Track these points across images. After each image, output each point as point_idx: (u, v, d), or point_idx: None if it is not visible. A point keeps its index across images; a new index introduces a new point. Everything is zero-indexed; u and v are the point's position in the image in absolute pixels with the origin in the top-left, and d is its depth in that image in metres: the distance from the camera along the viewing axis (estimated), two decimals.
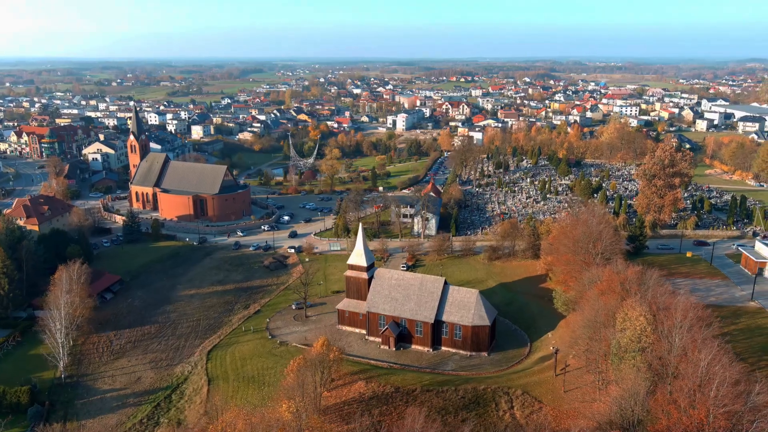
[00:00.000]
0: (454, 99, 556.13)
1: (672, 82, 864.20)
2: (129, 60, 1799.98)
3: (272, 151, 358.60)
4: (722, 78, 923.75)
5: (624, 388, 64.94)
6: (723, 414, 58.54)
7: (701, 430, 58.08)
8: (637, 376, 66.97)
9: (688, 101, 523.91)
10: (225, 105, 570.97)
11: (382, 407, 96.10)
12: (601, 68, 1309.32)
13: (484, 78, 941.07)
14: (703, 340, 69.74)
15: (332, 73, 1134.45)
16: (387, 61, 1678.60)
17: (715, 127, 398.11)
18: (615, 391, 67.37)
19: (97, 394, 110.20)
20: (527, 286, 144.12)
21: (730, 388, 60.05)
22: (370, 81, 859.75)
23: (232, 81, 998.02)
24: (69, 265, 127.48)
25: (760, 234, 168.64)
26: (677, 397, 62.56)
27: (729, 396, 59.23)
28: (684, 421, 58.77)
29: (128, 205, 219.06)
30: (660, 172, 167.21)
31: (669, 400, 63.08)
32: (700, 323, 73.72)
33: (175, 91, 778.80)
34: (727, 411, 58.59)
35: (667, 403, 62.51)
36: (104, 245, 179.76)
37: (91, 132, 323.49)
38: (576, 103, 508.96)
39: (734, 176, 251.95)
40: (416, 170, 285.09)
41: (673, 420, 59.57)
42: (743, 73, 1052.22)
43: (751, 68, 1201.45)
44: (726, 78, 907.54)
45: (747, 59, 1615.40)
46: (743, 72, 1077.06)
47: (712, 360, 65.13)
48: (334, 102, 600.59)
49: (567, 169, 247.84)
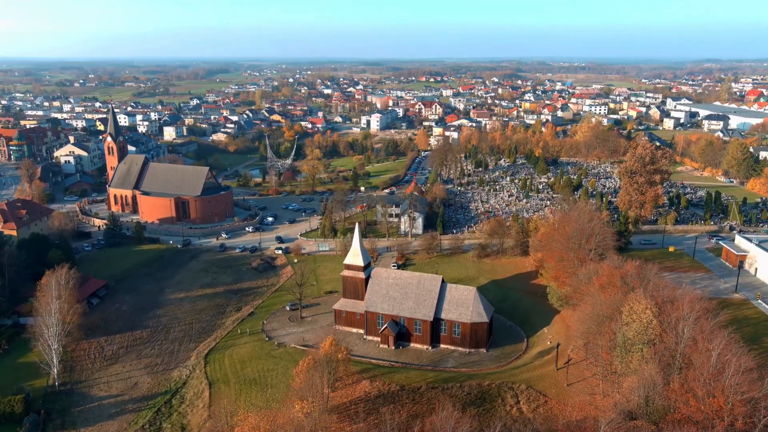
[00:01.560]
0: (427, 99, 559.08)
1: (635, 81, 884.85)
2: (89, 60, 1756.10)
3: (247, 152, 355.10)
4: (682, 78, 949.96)
5: (641, 379, 66.72)
6: (741, 401, 60.74)
7: (720, 417, 60.17)
8: (653, 368, 68.81)
9: (654, 100, 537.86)
10: (194, 106, 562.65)
11: (389, 406, 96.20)
12: (566, 68, 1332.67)
13: (452, 78, 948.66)
14: (711, 331, 72.09)
15: (300, 73, 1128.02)
16: (354, 62, 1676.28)
17: (681, 126, 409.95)
18: (631, 383, 69.10)
19: (94, 401, 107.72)
20: (518, 282, 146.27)
21: (745, 375, 62.36)
22: (340, 81, 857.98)
23: (198, 81, 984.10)
24: (56, 270, 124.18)
25: (736, 228, 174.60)
26: (693, 386, 64.63)
27: (745, 383, 61.52)
28: (703, 409, 60.78)
29: (106, 208, 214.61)
30: (641, 170, 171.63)
31: (686, 389, 65.08)
32: (706, 314, 76.19)
33: (141, 91, 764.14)
34: (744, 398, 60.79)
35: (684, 392, 64.54)
36: (85, 249, 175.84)
37: (60, 134, 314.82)
38: (546, 102, 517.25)
39: (704, 173, 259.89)
40: (396, 170, 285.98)
41: (692, 409, 61.56)
42: (701, 73, 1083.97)
43: (708, 68, 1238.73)
44: (685, 78, 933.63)
45: (703, 60, 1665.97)
46: (701, 72, 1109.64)
47: (723, 349, 67.39)
48: (305, 102, 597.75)
49: (545, 168, 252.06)
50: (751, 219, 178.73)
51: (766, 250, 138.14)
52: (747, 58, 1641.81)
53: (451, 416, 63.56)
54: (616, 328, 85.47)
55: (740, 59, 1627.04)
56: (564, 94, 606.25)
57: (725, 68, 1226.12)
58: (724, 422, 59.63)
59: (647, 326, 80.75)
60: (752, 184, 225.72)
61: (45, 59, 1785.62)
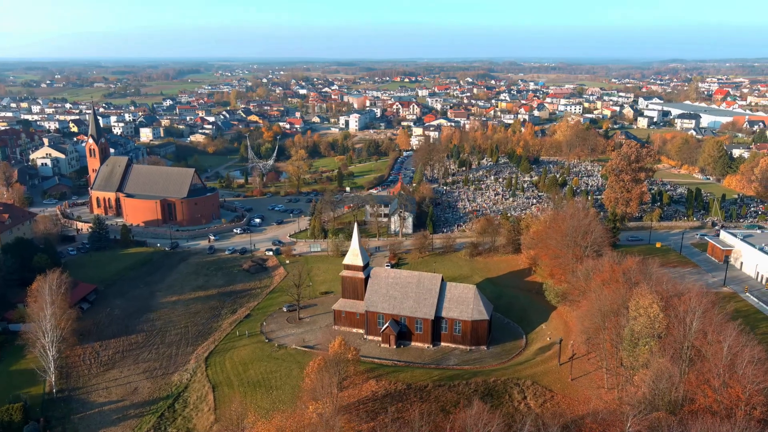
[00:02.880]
0: (404, 99, 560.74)
1: (605, 81, 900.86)
2: (54, 60, 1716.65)
3: (227, 153, 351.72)
4: (649, 78, 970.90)
5: (657, 371, 68.34)
6: (757, 390, 62.72)
7: (738, 406, 62.04)
8: (668, 360, 70.51)
9: (626, 100, 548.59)
10: (168, 106, 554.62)
11: (397, 404, 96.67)
12: (536, 68, 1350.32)
13: (427, 78, 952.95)
14: (721, 323, 74.18)
15: (273, 73, 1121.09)
16: (327, 62, 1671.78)
17: (655, 124, 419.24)
18: (646, 375, 70.69)
19: (94, 407, 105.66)
20: (513, 280, 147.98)
21: (759, 365, 64.39)
22: (315, 81, 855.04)
23: (169, 82, 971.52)
24: (48, 275, 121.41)
25: (718, 224, 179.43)
26: (709, 378, 66.47)
27: (760, 373, 63.54)
28: (720, 400, 62.57)
29: (88, 211, 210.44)
30: (627, 167, 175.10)
31: (701, 380, 66.88)
32: (713, 307, 78.33)
33: (112, 92, 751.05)
34: (760, 387, 62.78)
35: (701, 384, 66.33)
36: (70, 254, 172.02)
37: (34, 136, 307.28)
38: (522, 102, 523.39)
39: (681, 170, 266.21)
40: (379, 170, 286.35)
41: (710, 399, 63.34)
42: (668, 72, 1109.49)
43: (674, 68, 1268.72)
44: (653, 78, 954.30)
45: (668, 60, 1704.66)
46: (667, 72, 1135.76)
47: (732, 341, 69.44)
48: (282, 103, 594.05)
49: (528, 167, 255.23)
50: (731, 215, 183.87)
51: (750, 245, 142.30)
52: (710, 59, 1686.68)
53: (482, 413, 64.19)
54: (623, 323, 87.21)
55: (703, 59, 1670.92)
56: (538, 93, 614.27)
57: (690, 68, 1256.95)
58: (742, 411, 61.51)
59: (654, 320, 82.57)
60: (728, 180, 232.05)
61: (6, 59, 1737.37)
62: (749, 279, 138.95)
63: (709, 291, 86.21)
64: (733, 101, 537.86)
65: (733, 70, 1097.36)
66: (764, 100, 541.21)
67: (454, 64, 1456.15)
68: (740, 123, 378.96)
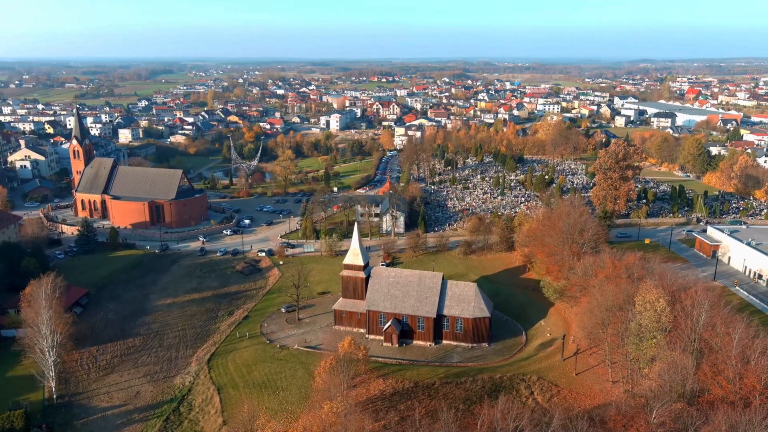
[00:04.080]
0: (384, 99, 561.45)
1: (579, 81, 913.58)
2: (20, 60, 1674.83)
3: (208, 153, 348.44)
4: (621, 77, 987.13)
5: (671, 364, 70.02)
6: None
7: (754, 396, 63.98)
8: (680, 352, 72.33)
9: (602, 99, 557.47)
10: (145, 107, 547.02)
11: (406, 402, 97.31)
12: (511, 68, 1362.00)
13: (403, 78, 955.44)
14: (728, 316, 76.30)
15: (248, 73, 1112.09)
16: (302, 62, 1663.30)
17: (632, 123, 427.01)
18: (660, 368, 72.35)
19: (96, 412, 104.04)
20: (508, 277, 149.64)
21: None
22: (292, 82, 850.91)
23: (142, 82, 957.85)
24: (42, 279, 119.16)
25: (702, 220, 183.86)
26: (722, 369, 68.40)
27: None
28: (736, 390, 64.44)
29: (72, 213, 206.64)
30: (615, 166, 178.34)
31: (715, 372, 68.78)
32: (719, 300, 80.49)
33: (84, 93, 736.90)
34: None
35: (715, 375, 68.21)
36: (58, 257, 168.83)
37: (10, 138, 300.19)
38: (501, 102, 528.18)
39: (662, 168, 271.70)
40: (365, 170, 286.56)
41: (725, 390, 65.19)
42: (639, 72, 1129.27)
43: (645, 68, 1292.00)
44: (625, 77, 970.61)
45: (639, 60, 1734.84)
46: (638, 72, 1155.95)
47: (743, 333, 71.52)
48: (260, 103, 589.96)
49: (514, 165, 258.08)
50: (715, 211, 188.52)
51: (738, 240, 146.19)
52: (678, 59, 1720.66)
53: (513, 408, 65.01)
54: (630, 317, 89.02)
55: (672, 59, 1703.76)
56: (516, 93, 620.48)
57: (660, 68, 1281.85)
58: (758, 401, 63.42)
59: (661, 314, 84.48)
60: (708, 177, 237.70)
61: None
62: (737, 273, 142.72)
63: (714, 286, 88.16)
64: (705, 100, 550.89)
65: (702, 70, 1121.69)
66: (734, 99, 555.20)
67: (430, 64, 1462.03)
68: (714, 121, 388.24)
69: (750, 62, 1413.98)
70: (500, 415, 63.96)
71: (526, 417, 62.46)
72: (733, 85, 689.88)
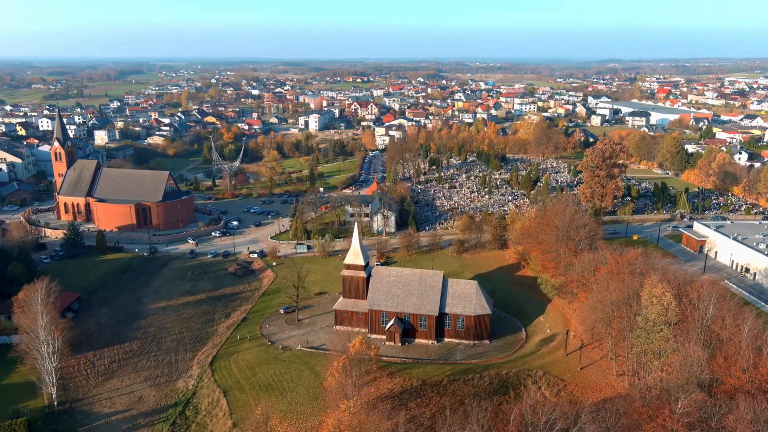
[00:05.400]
0: (362, 99, 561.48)
1: (551, 81, 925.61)
2: None
3: (187, 155, 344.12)
4: (591, 77, 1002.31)
5: (686, 356, 71.87)
6: None
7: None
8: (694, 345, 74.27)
9: (576, 98, 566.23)
10: (117, 108, 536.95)
11: (416, 400, 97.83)
12: (483, 68, 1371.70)
13: (378, 78, 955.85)
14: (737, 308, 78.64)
15: (220, 73, 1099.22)
16: (273, 62, 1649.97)
17: (607, 122, 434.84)
18: (675, 359, 74.16)
19: (100, 418, 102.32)
20: (503, 275, 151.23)
21: None
22: (266, 82, 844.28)
23: (112, 83, 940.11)
24: (36, 284, 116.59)
25: (686, 216, 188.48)
26: (736, 359, 70.52)
27: None
28: (752, 380, 66.48)
29: (55, 217, 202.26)
30: (602, 164, 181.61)
31: (729, 362, 70.85)
32: (725, 293, 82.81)
33: (52, 94, 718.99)
34: None
35: (729, 365, 70.27)
36: (44, 262, 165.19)
37: None
38: (479, 102, 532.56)
39: (641, 165, 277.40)
40: (349, 170, 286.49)
41: (740, 380, 67.24)
42: (608, 72, 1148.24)
43: (613, 68, 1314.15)
44: (595, 77, 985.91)
45: (607, 60, 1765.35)
46: (608, 71, 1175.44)
47: (752, 324, 73.81)
48: (236, 103, 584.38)
49: (498, 165, 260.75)
50: (697, 207, 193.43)
51: (725, 235, 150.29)
52: (645, 59, 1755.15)
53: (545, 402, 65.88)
54: (636, 311, 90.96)
55: (639, 60, 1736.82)
56: (492, 93, 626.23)
57: (628, 68, 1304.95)
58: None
59: (667, 308, 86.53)
60: (687, 175, 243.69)
61: None
62: (725, 267, 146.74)
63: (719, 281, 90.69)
64: (676, 99, 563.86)
65: (668, 70, 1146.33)
66: (704, 99, 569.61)
67: (402, 64, 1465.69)
68: (686, 120, 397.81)
69: (713, 62, 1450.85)
70: (531, 409, 64.82)
71: (558, 410, 63.42)
72: (700, 85, 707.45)
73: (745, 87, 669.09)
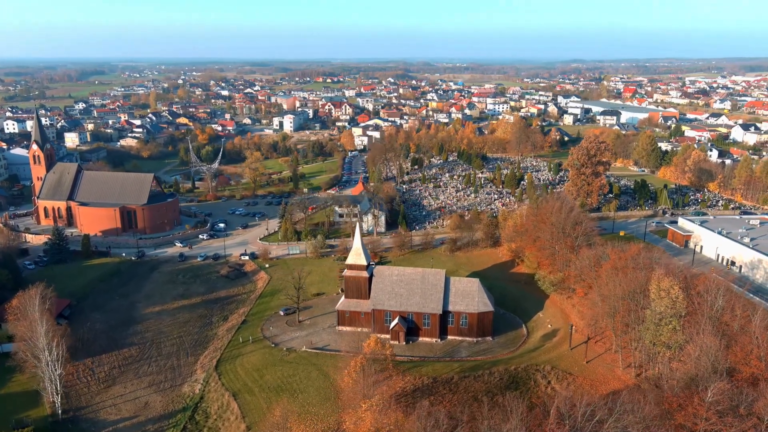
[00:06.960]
0: (334, 99, 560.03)
1: (519, 81, 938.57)
2: None
3: (162, 157, 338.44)
4: (557, 77, 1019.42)
5: (704, 346, 74.26)
6: None
7: None
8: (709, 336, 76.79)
9: (547, 98, 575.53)
10: (83, 110, 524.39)
11: (429, 398, 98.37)
12: (450, 69, 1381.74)
13: (348, 78, 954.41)
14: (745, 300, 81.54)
15: (185, 74, 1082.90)
16: (238, 62, 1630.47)
17: (579, 121, 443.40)
18: (692, 350, 76.51)
19: (107, 425, 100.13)
20: (498, 272, 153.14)
21: None
22: (235, 83, 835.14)
23: (74, 84, 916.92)
24: (31, 290, 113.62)
25: (668, 212, 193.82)
26: (752, 348, 73.21)
27: None
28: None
29: (34, 222, 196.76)
30: (587, 162, 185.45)
31: (745, 352, 73.50)
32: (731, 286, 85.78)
33: (13, 95, 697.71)
34: None
35: (746, 355, 72.90)
36: (29, 268, 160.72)
37: None
38: (452, 102, 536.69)
39: (617, 163, 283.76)
40: (330, 170, 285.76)
41: (760, 368, 69.87)
42: (572, 72, 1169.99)
43: (577, 68, 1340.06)
44: (560, 77, 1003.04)
45: (570, 60, 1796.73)
46: (572, 71, 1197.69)
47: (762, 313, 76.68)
48: (206, 104, 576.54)
49: (481, 164, 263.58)
50: (678, 203, 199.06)
51: (710, 230, 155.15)
52: (606, 59, 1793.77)
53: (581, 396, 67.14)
54: (644, 304, 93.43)
55: (601, 60, 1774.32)
56: (464, 93, 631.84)
57: (591, 68, 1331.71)
58: None
59: (676, 301, 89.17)
60: (663, 172, 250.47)
61: None
62: (711, 261, 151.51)
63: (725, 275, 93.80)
64: (643, 98, 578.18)
65: (629, 70, 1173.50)
66: (668, 98, 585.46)
67: (370, 64, 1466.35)
68: (656, 119, 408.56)
69: (672, 62, 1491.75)
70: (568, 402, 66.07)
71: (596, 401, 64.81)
72: (663, 84, 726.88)
73: (705, 86, 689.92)
